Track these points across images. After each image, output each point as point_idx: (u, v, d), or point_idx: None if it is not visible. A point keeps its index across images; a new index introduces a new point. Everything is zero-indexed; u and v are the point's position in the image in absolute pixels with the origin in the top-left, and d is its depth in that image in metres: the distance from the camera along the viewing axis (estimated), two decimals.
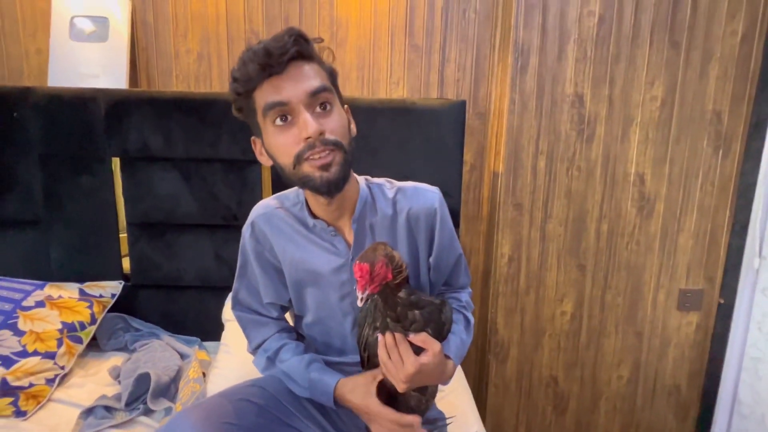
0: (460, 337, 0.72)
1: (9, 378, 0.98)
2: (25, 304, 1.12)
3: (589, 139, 1.25)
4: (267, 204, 0.76)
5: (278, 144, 0.62)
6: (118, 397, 0.98)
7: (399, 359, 0.60)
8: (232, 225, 1.27)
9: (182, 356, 1.18)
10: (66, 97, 1.20)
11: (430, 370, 0.62)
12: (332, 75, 0.66)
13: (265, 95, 0.61)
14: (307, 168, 0.61)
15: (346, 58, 1.32)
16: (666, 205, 1.29)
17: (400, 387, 0.62)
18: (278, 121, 0.61)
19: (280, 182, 1.06)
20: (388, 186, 0.76)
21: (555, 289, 1.33)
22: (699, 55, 1.20)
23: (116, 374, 1.08)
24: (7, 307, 1.10)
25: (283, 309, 0.81)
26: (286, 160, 0.63)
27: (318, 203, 0.69)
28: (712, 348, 1.36)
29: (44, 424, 0.91)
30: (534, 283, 1.32)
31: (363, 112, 1.23)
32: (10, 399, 0.96)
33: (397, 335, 0.61)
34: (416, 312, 0.61)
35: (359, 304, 0.55)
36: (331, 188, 0.63)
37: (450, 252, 0.77)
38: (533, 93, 1.22)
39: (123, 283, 1.29)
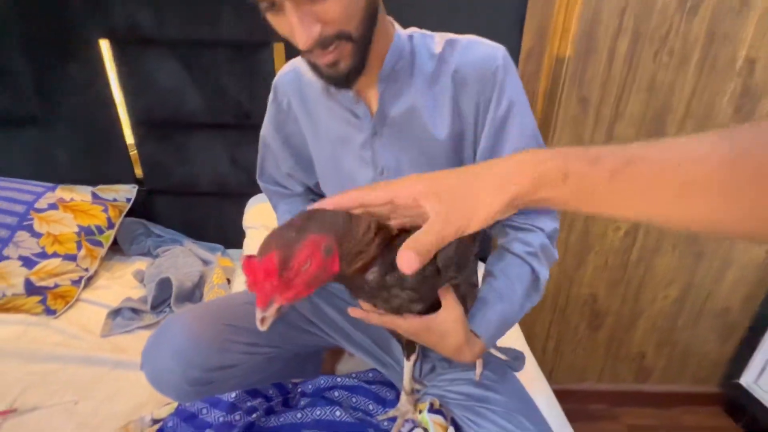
0: (502, 311, 0.52)
1: (33, 278, 0.96)
2: (37, 206, 1.06)
3: (692, 10, 0.95)
4: (294, 64, 0.62)
5: (279, 31, 0.49)
6: (144, 300, 0.96)
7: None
8: (246, 124, 1.11)
9: (205, 263, 1.14)
10: None
11: (412, 335, 0.49)
12: None
13: None
14: (315, 59, 0.50)
15: None
16: None
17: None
18: (267, 8, 0.47)
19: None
20: (438, 39, 0.55)
21: None
22: None
23: (141, 278, 1.06)
24: (20, 208, 1.05)
25: (311, 189, 0.74)
26: (293, 42, 0.50)
27: None
28: None
29: (74, 322, 0.91)
30: None
31: None
32: (39, 297, 0.95)
33: (365, 310, 0.49)
34: (398, 291, 0.41)
35: (261, 327, 0.30)
36: (341, 83, 0.52)
37: (518, 146, 0.52)
38: None
39: (137, 187, 1.21)
